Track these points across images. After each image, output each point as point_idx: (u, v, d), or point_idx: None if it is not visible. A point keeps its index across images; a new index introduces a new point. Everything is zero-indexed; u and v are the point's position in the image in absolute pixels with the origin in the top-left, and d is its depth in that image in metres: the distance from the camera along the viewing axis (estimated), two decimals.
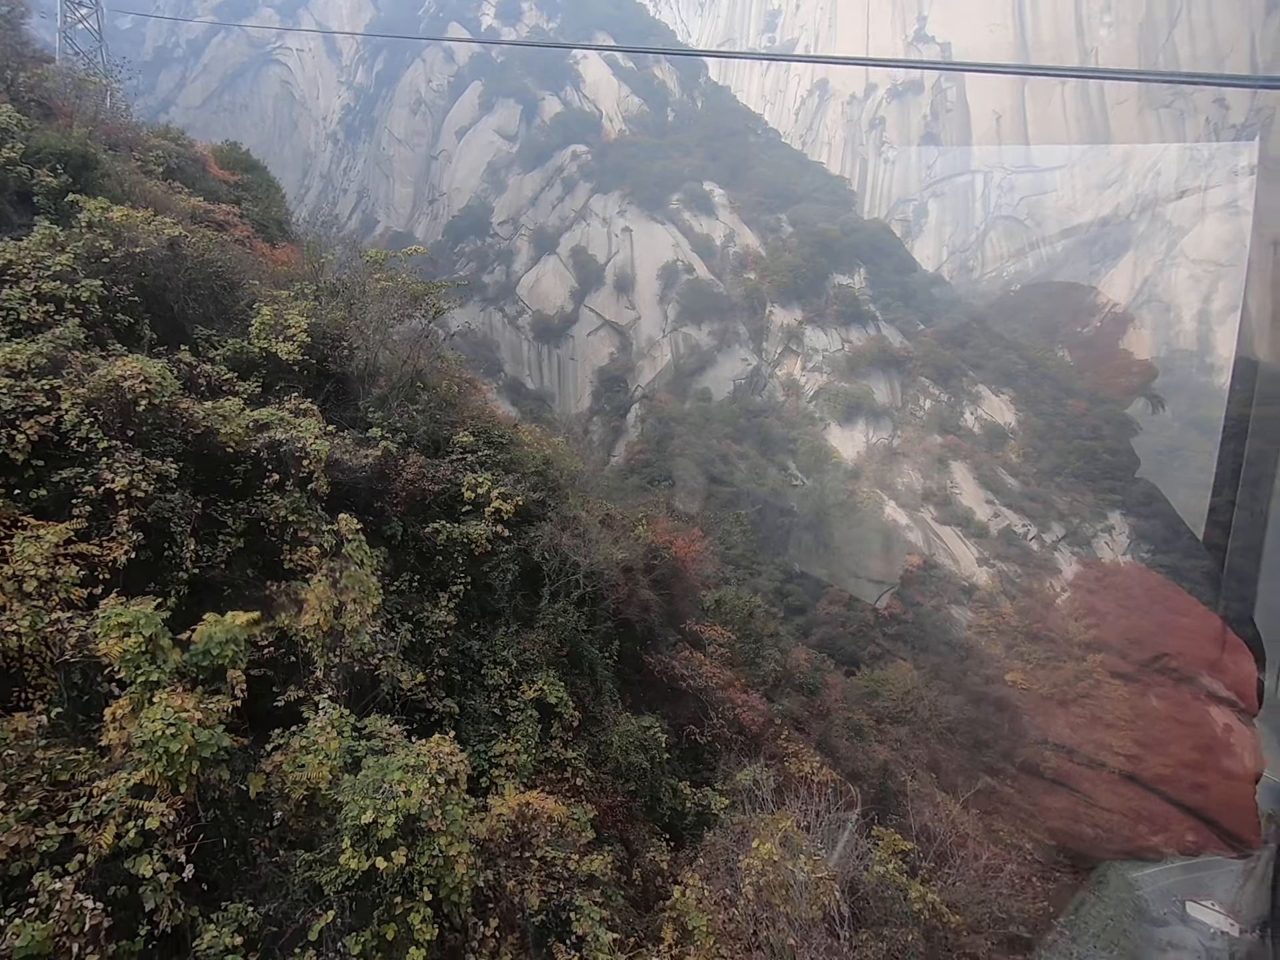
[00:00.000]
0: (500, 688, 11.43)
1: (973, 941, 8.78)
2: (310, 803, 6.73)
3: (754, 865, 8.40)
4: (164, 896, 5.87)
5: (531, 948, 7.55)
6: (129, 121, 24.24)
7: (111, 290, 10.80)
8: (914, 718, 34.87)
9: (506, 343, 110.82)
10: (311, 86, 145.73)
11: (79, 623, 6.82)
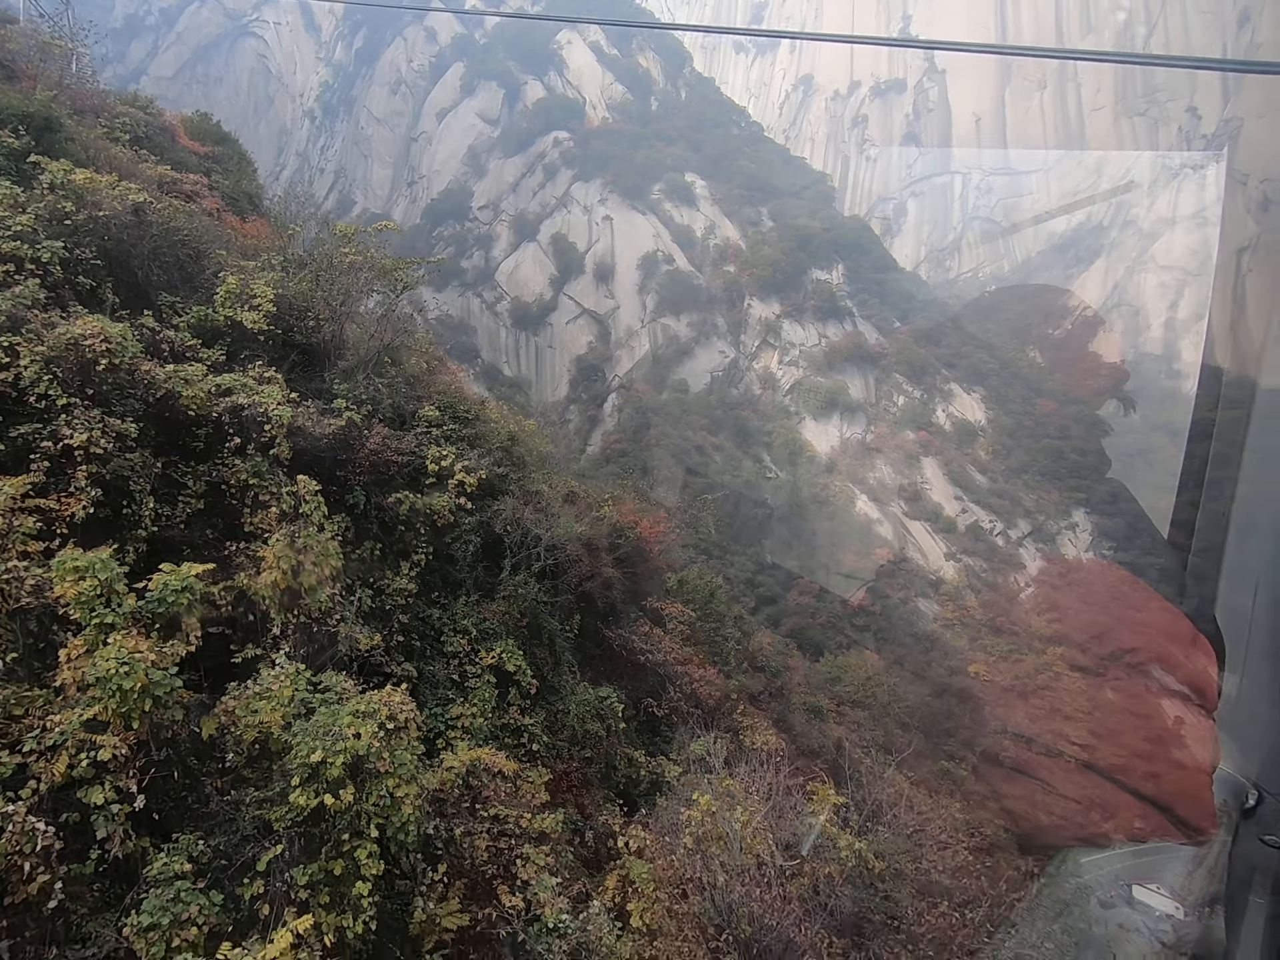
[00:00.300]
0: (459, 655, 11.70)
1: (895, 886, 9.31)
2: (262, 747, 6.96)
3: (694, 817, 8.83)
4: (115, 826, 6.09)
5: (479, 893, 7.89)
6: (95, 88, 23.77)
7: (73, 253, 10.78)
8: (874, 703, 35.79)
9: (484, 329, 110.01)
10: (289, 61, 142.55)
11: (35, 571, 6.95)
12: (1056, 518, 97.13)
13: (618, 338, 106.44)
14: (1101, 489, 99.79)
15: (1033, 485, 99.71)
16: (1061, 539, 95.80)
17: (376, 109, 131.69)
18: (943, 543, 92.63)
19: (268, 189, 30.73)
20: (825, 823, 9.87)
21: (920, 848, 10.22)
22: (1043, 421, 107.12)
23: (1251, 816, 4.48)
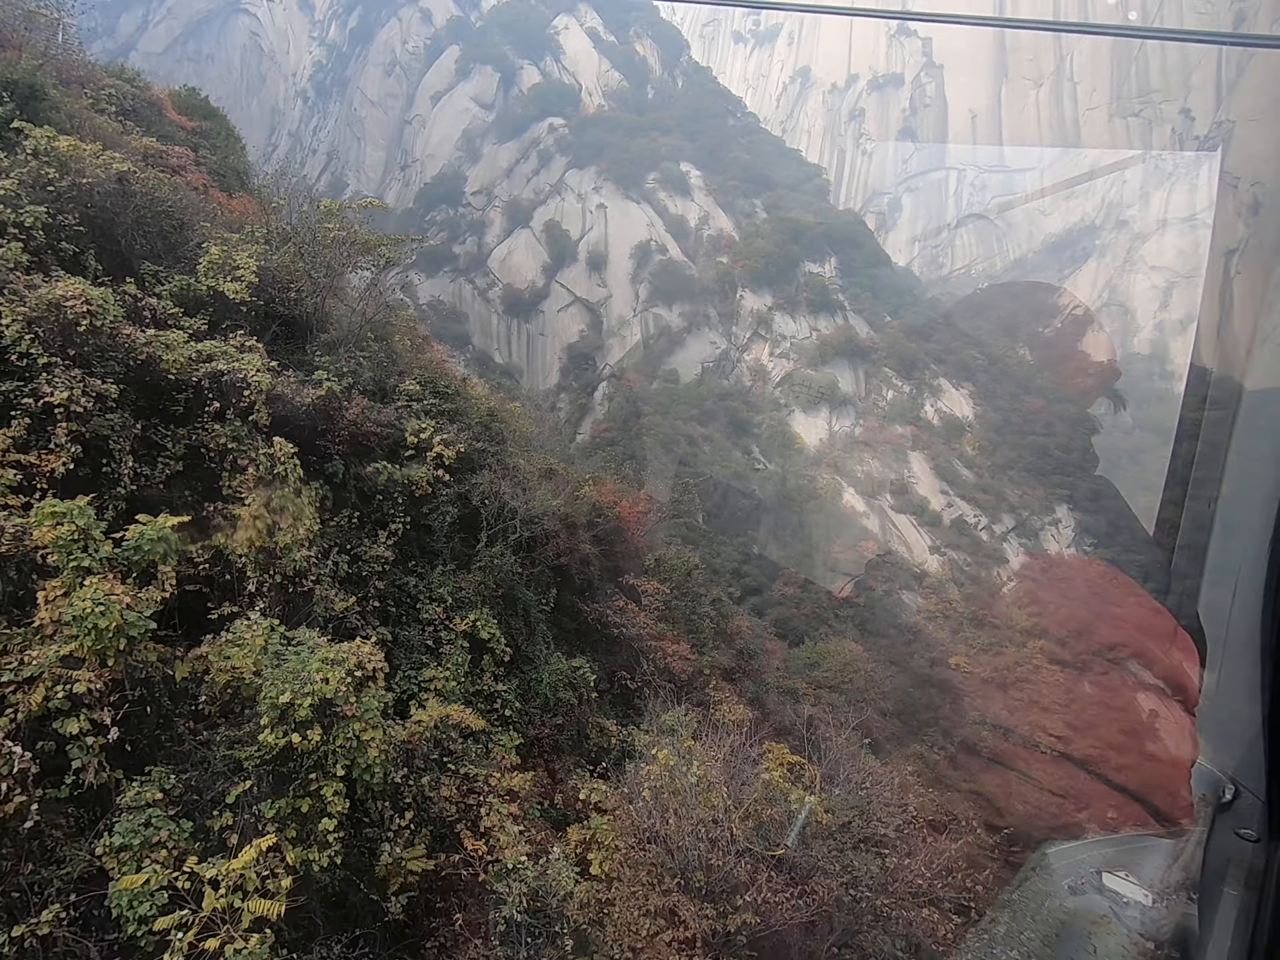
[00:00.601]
0: (434, 622, 12.00)
1: (841, 839, 9.75)
2: (234, 692, 7.25)
3: (653, 772, 9.21)
4: (90, 757, 6.39)
5: (445, 841, 8.24)
6: (82, 59, 23.59)
7: (56, 218, 10.93)
8: (850, 688, 36.40)
9: (476, 315, 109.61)
10: (282, 40, 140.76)
11: (15, 520, 7.19)
12: (1040, 513, 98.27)
13: (609, 326, 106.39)
14: (1085, 486, 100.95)
15: (1018, 481, 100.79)
16: (1045, 534, 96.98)
17: (370, 90, 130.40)
18: (928, 536, 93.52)
19: (259, 169, 30.63)
20: (778, 778, 10.30)
21: (870, 805, 10.67)
22: (1029, 418, 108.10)
23: (1228, 811, 4.52)
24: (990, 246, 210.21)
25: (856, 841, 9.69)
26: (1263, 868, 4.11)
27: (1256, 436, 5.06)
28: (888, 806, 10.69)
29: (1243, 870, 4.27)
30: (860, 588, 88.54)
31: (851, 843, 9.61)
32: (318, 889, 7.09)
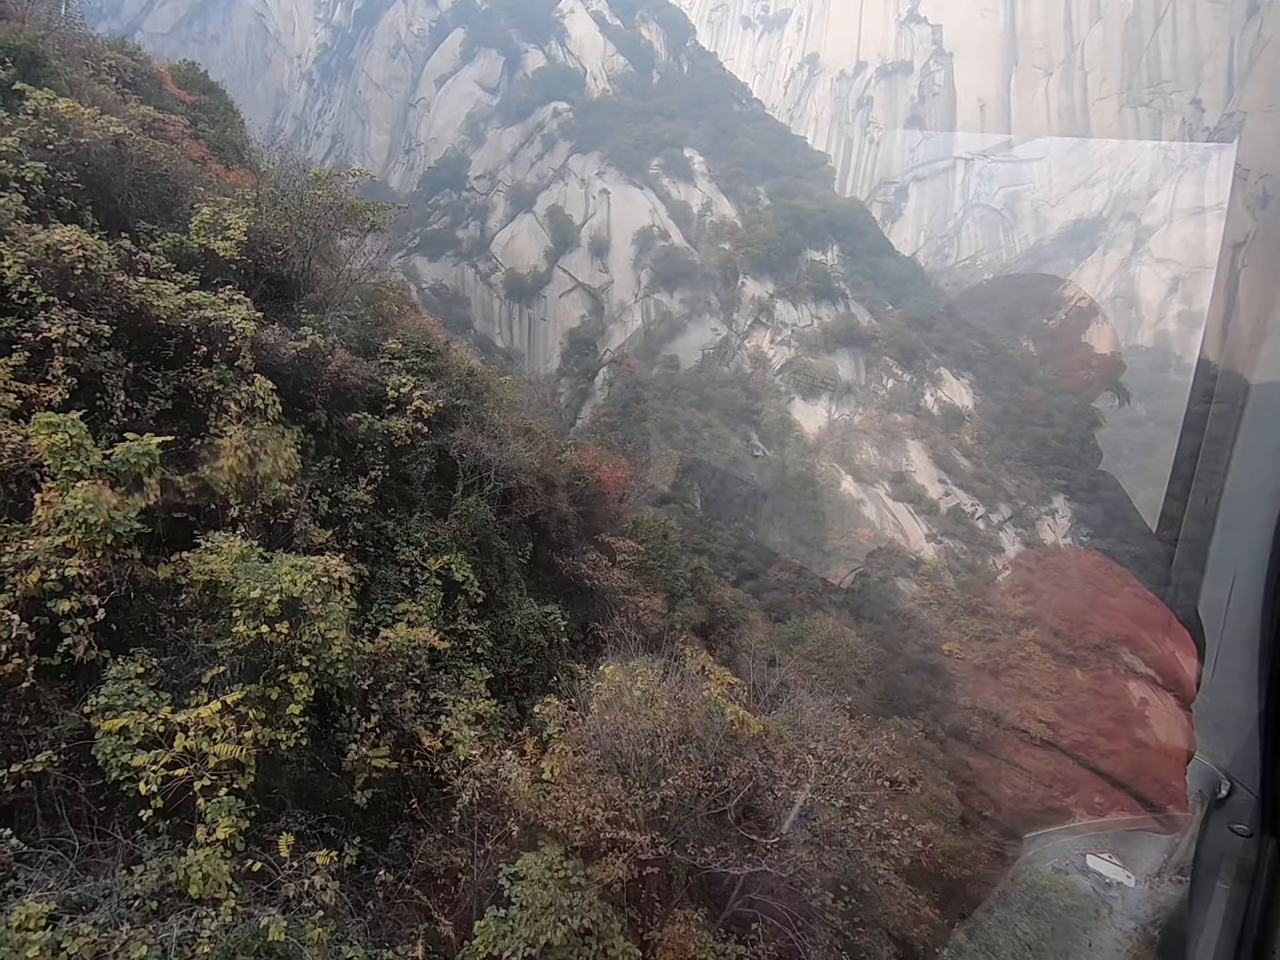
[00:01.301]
0: (411, 563, 12.72)
1: (773, 752, 10.48)
2: (211, 593, 7.98)
3: (601, 688, 9.93)
4: (80, 636, 7.14)
5: (408, 747, 8.99)
6: (84, 32, 24.25)
7: (55, 175, 11.60)
8: (831, 660, 37.14)
9: (478, 299, 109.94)
10: (287, 21, 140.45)
11: (15, 437, 7.92)
12: (1037, 503, 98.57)
13: (611, 312, 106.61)
14: (1082, 476, 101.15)
15: (1015, 471, 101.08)
16: (1041, 524, 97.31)
17: (375, 73, 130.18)
18: (924, 524, 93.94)
19: (258, 146, 31.08)
20: (717, 695, 11.04)
21: (806, 726, 11.37)
22: (1029, 409, 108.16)
23: (1222, 806, 4.49)
24: (996, 237, 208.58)
25: (788, 753, 10.43)
26: (1254, 863, 4.17)
27: (1261, 432, 4.96)
28: (822, 730, 11.38)
29: (1235, 865, 4.31)
30: (856, 574, 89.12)
31: (783, 756, 10.34)
32: (289, 776, 7.84)
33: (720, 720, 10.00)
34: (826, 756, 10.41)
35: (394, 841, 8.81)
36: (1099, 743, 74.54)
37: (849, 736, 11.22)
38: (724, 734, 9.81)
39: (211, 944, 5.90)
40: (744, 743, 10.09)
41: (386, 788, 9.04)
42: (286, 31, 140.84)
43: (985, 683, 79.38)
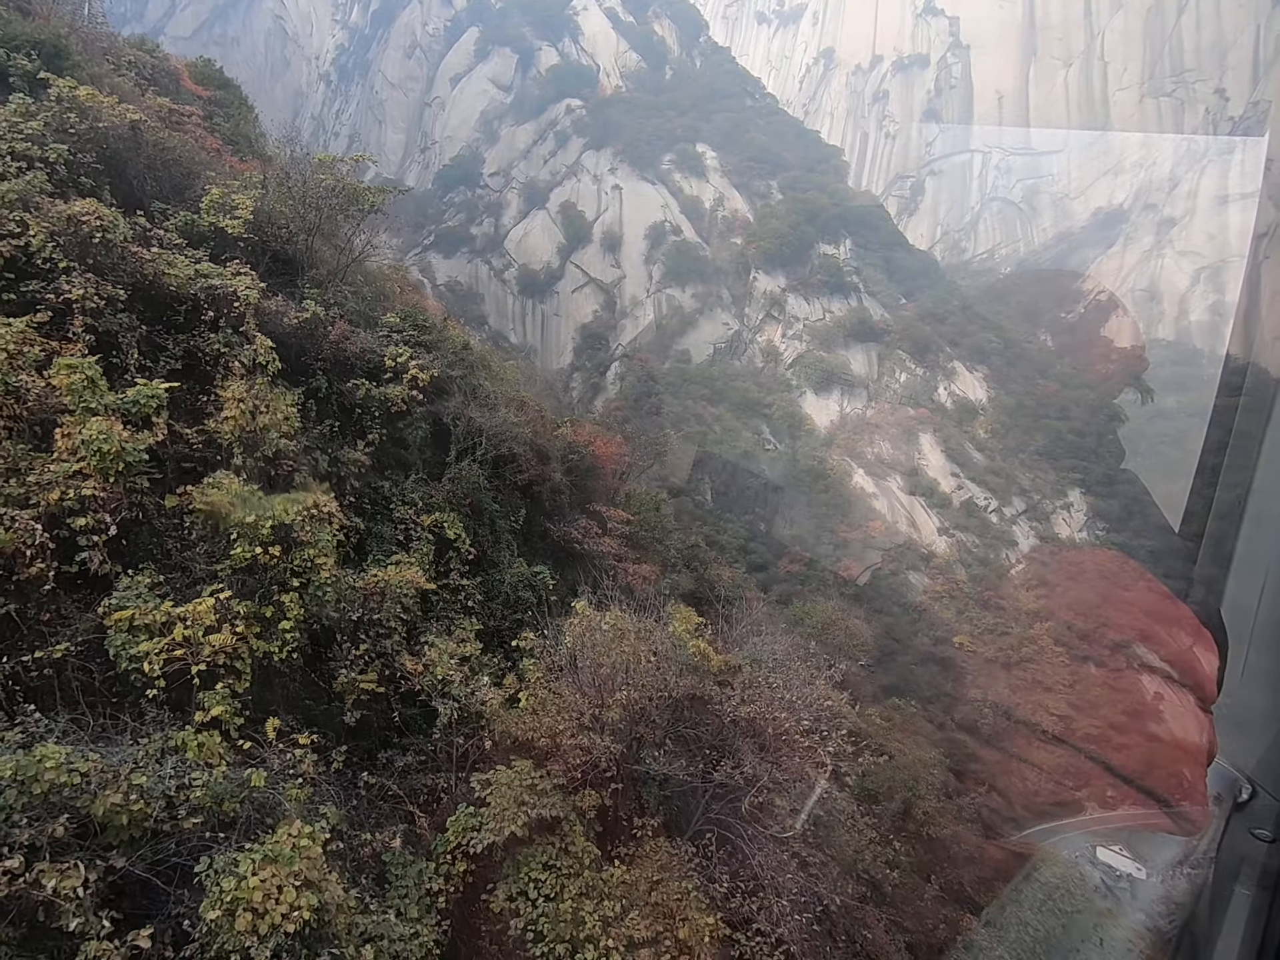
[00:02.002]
0: (405, 521, 13.51)
1: (731, 681, 11.08)
2: (213, 522, 8.80)
3: (574, 624, 10.63)
4: (95, 551, 7.98)
5: (394, 675, 9.77)
6: (105, 31, 25.48)
7: (75, 156, 12.53)
8: (829, 639, 37.45)
9: (491, 295, 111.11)
10: (305, 23, 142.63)
11: (39, 385, 8.80)
12: (1052, 497, 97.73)
13: (623, 307, 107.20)
14: (1098, 470, 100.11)
15: (1030, 464, 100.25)
16: (1056, 518, 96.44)
17: (391, 73, 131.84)
18: (936, 518, 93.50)
19: (271, 141, 32.08)
20: (682, 631, 11.66)
21: (767, 661, 11.96)
22: (1044, 402, 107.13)
23: (1243, 810, 4.37)
24: (1014, 231, 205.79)
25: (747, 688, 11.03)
26: (1277, 868, 4.07)
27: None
28: (783, 666, 11.97)
29: (1256, 870, 4.17)
30: (866, 566, 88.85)
31: (740, 687, 10.96)
32: (282, 690, 8.64)
33: (683, 652, 10.69)
34: (782, 685, 11.04)
35: (380, 760, 9.60)
36: (1111, 736, 73.97)
37: (811, 679, 11.78)
38: (685, 663, 10.48)
39: (203, 790, 6.70)
40: (704, 673, 10.77)
41: (375, 713, 9.84)
42: (304, 33, 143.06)
43: (997, 675, 78.92)
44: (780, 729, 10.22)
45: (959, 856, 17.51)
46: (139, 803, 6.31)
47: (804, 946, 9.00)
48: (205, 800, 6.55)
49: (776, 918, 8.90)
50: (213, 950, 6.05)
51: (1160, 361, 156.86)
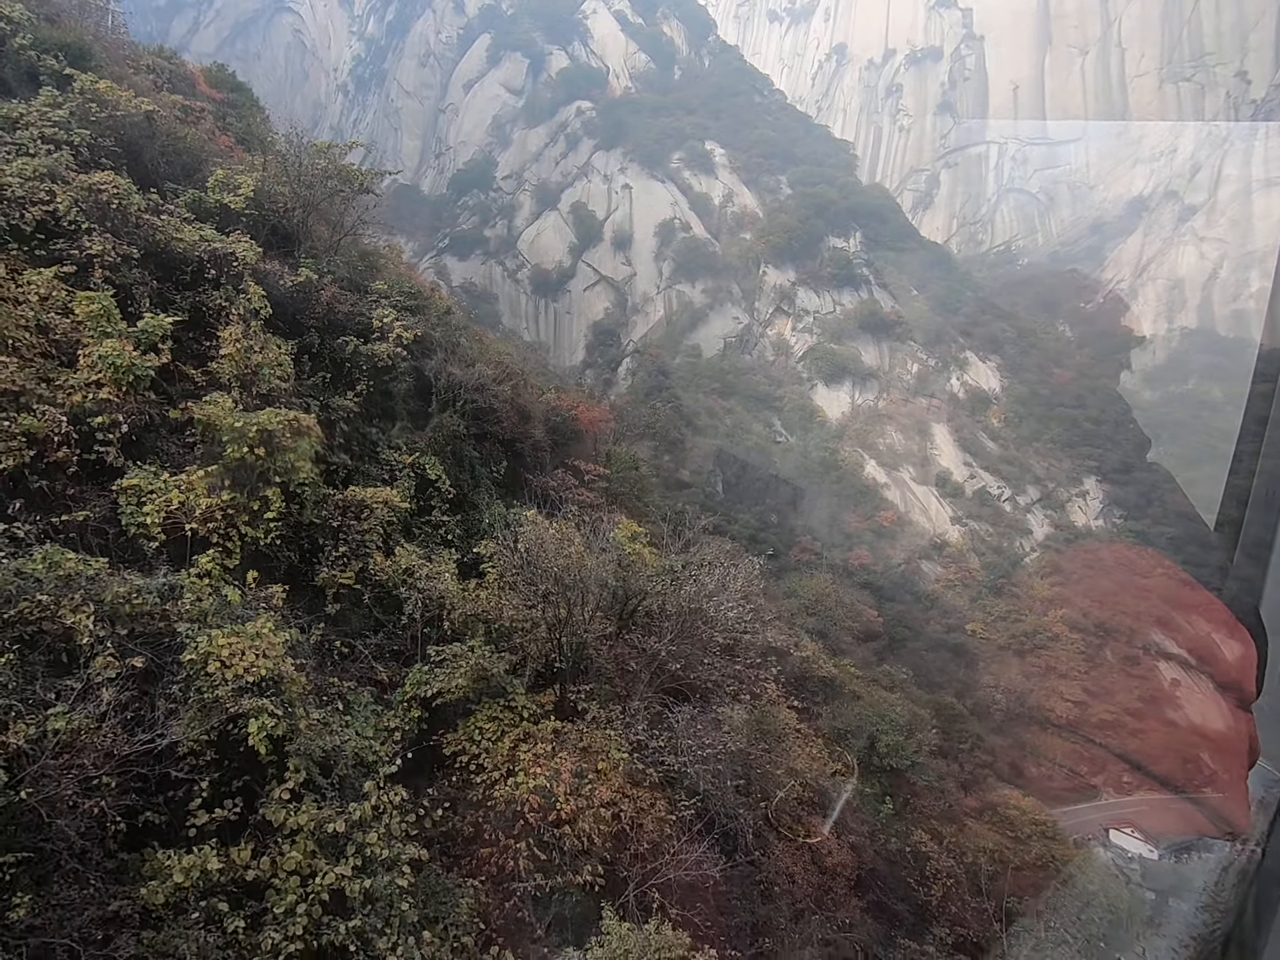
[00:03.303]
0: (391, 462, 14.97)
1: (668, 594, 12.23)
2: (210, 432, 10.26)
3: (526, 532, 11.91)
4: (111, 446, 9.50)
5: (369, 572, 11.20)
6: (126, 39, 27.57)
7: (97, 141, 14.23)
8: (823, 611, 38.38)
9: (505, 296, 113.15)
10: (323, 36, 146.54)
11: (65, 322, 10.36)
12: (1067, 485, 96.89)
13: (634, 304, 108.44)
14: (1115, 458, 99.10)
15: (1044, 453, 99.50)
16: (1071, 506, 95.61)
17: (406, 81, 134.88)
18: (949, 507, 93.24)
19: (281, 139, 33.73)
20: (623, 538, 12.88)
21: (706, 565, 13.08)
22: (1059, 391, 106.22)
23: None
24: (1032, 222, 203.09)
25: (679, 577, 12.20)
26: None
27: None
28: (713, 565, 13.13)
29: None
30: (878, 556, 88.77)
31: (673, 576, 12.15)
32: (268, 576, 10.03)
33: (622, 554, 11.93)
34: (707, 577, 12.23)
35: (355, 643, 10.99)
36: (1127, 722, 73.30)
37: (733, 571, 12.88)
38: (623, 564, 11.72)
39: (191, 604, 8.13)
40: (639, 569, 12.02)
41: (352, 608, 11.23)
42: (323, 45, 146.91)
43: (1010, 662, 78.51)
44: (705, 615, 11.43)
45: (920, 787, 18.38)
46: (139, 598, 7.86)
47: (711, 786, 10.18)
48: (192, 611, 8.00)
49: (685, 762, 10.09)
50: (191, 688, 7.60)
51: (1178, 350, 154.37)
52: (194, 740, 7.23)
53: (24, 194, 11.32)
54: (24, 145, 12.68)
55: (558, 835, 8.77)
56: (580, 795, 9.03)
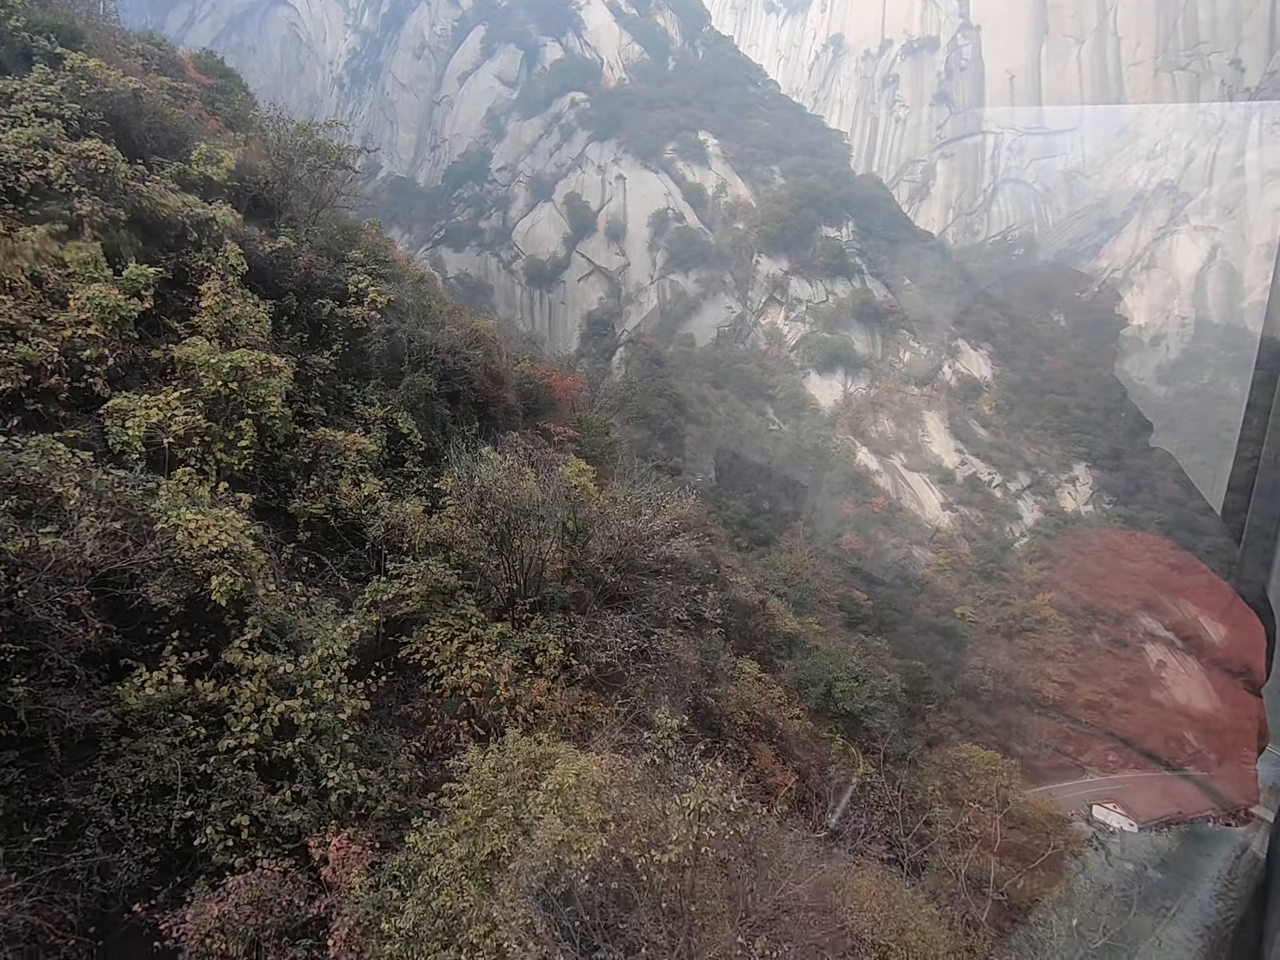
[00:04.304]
0: (365, 417, 15.98)
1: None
2: (189, 369, 11.26)
3: (483, 469, 12.92)
4: (98, 377, 10.57)
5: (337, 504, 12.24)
6: (118, 27, 28.52)
7: (87, 115, 15.22)
8: (805, 584, 39.33)
9: (500, 287, 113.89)
10: (319, 29, 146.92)
11: (58, 272, 11.37)
12: (1057, 471, 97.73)
13: (627, 294, 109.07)
14: (1105, 444, 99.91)
15: (1034, 440, 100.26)
16: (1061, 492, 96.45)
17: (401, 74, 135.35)
18: (940, 493, 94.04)
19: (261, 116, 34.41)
20: (572, 474, 13.91)
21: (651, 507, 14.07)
22: (1049, 378, 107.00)
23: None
24: (1028, 212, 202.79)
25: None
26: None
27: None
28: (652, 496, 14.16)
29: None
30: (869, 541, 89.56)
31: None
32: (237, 483, 11.07)
33: (568, 487, 12.94)
34: (644, 502, 13.27)
35: (324, 560, 12.03)
36: (1113, 702, 74.29)
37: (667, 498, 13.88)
38: (570, 495, 12.73)
39: (166, 500, 9.22)
40: (586, 501, 13.07)
41: (323, 534, 12.31)
42: (318, 39, 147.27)
43: (998, 644, 79.38)
44: (640, 535, 12.48)
45: (876, 732, 19.40)
46: (121, 487, 8.97)
47: (629, 670, 11.23)
48: (167, 505, 9.04)
49: (615, 657, 11.15)
50: (164, 555, 8.70)
51: (1172, 338, 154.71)
52: (168, 599, 8.32)
53: (19, 159, 12.31)
54: (19, 118, 13.67)
55: (496, 716, 9.84)
56: (520, 686, 10.11)
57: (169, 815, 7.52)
